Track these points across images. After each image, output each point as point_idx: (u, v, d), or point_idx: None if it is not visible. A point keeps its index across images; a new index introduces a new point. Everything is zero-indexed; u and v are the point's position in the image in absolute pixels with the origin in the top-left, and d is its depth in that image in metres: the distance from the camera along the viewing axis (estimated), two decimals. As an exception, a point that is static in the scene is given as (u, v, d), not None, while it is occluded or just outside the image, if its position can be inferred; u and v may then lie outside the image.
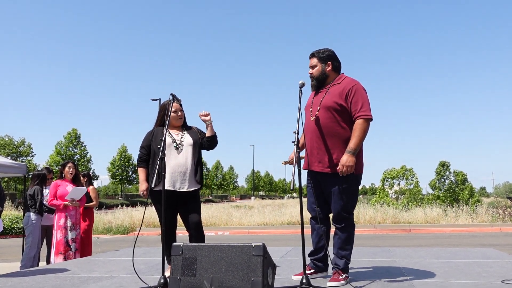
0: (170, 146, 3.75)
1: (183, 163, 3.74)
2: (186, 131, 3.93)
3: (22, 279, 3.94)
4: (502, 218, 17.00)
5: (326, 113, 3.37)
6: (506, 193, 67.01)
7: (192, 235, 3.79)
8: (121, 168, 46.34)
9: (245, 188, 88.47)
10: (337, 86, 3.43)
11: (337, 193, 3.36)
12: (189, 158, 3.78)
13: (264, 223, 18.20)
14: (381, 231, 15.68)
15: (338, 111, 3.35)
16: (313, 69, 3.52)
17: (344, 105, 3.35)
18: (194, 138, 3.87)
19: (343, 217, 3.41)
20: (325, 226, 3.54)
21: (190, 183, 3.76)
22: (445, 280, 3.47)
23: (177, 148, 3.77)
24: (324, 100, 3.41)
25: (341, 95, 3.36)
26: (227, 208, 25.01)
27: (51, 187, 5.95)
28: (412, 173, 28.47)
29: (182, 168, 3.73)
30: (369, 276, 3.69)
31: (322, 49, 3.52)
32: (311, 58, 3.54)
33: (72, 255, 5.71)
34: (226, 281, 2.70)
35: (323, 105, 3.40)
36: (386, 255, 5.19)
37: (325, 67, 3.49)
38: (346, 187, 3.36)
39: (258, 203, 40.03)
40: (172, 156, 3.74)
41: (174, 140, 3.80)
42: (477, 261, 4.52)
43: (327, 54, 3.50)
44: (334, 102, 3.35)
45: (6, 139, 38.08)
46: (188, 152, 3.79)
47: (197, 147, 3.86)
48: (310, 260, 3.60)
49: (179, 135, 3.86)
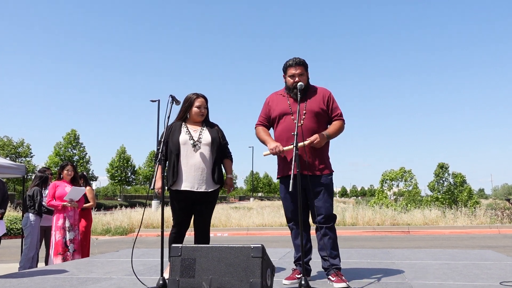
0: (186, 144, 3.65)
1: (200, 162, 3.65)
2: (206, 127, 3.81)
3: (20, 280, 3.94)
4: (501, 220, 17.02)
5: (313, 118, 3.53)
6: (504, 195, 66.96)
7: (198, 236, 3.77)
8: (120, 169, 46.28)
9: (244, 190, 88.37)
10: (316, 94, 3.63)
11: (326, 193, 3.48)
12: (207, 157, 3.68)
13: (263, 224, 18.19)
14: (380, 233, 15.68)
15: (322, 116, 3.58)
16: (301, 77, 3.56)
17: (326, 110, 3.60)
18: (213, 136, 3.75)
19: (332, 216, 3.49)
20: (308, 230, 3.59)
21: (208, 183, 3.67)
22: (444, 281, 3.48)
23: (194, 146, 3.66)
24: (309, 106, 3.55)
25: (323, 101, 3.61)
26: (226, 209, 25.00)
27: (50, 188, 5.94)
28: (411, 175, 28.51)
29: (198, 167, 3.64)
30: (368, 277, 3.70)
31: (302, 59, 3.61)
32: (297, 66, 3.56)
33: (71, 256, 5.70)
34: (224, 282, 2.71)
35: (310, 111, 3.53)
36: (384, 256, 5.19)
37: (308, 76, 3.65)
38: (331, 187, 3.55)
39: (257, 205, 40.03)
40: (189, 154, 3.64)
41: (192, 137, 3.69)
42: (475, 263, 4.52)
43: (306, 63, 3.65)
44: (320, 108, 3.57)
45: (5, 139, 38.02)
46: (206, 151, 3.69)
47: (215, 145, 3.74)
48: (299, 265, 3.58)
49: (197, 131, 3.75)
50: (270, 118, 3.70)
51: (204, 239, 3.76)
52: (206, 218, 3.76)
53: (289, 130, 3.46)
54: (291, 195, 3.51)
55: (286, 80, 3.62)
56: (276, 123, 3.64)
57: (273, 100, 3.72)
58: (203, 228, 3.76)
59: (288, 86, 3.60)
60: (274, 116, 3.65)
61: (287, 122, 3.53)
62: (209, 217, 3.79)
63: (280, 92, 3.73)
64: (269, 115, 3.71)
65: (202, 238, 3.75)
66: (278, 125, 3.62)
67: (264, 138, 3.64)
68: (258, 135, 3.72)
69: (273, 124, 3.70)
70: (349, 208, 21.39)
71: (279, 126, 3.61)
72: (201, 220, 3.74)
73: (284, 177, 3.59)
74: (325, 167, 3.53)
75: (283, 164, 3.60)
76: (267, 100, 3.77)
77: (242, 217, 19.78)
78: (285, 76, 3.64)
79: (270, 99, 3.74)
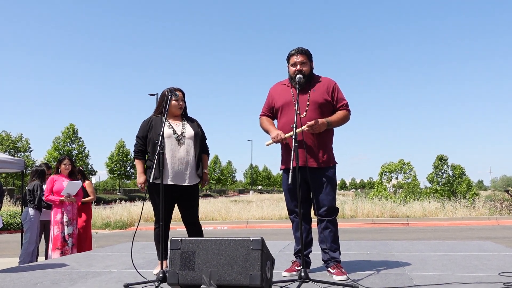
0: (170, 138, 3.64)
1: (184, 156, 3.65)
2: (187, 122, 3.82)
3: (21, 275, 3.94)
4: (500, 211, 17.09)
5: (317, 110, 3.47)
6: (503, 186, 67.20)
7: (190, 230, 3.78)
8: (119, 163, 46.30)
9: (243, 183, 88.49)
10: (320, 84, 3.56)
11: (328, 186, 3.45)
12: (191, 151, 3.69)
13: (263, 217, 18.25)
14: (379, 225, 15.73)
15: (326, 107, 3.52)
16: (303, 65, 3.51)
17: (330, 100, 3.54)
18: (195, 130, 3.77)
19: (335, 209, 3.48)
20: (309, 223, 3.60)
21: (192, 177, 3.68)
22: (443, 273, 3.48)
23: (178, 140, 3.66)
24: (313, 97, 3.49)
25: (328, 92, 3.54)
26: (225, 202, 25.06)
27: (48, 182, 5.93)
28: (410, 167, 28.58)
29: (183, 161, 3.64)
30: (367, 269, 3.70)
31: (305, 48, 3.57)
32: (299, 55, 3.53)
33: (69, 250, 5.71)
34: (224, 275, 2.71)
35: (313, 102, 3.48)
36: (384, 248, 5.21)
37: (312, 65, 3.60)
38: (334, 180, 3.51)
39: (256, 198, 40.13)
40: (173, 148, 3.63)
41: (175, 131, 3.68)
42: (474, 254, 4.54)
43: (310, 53, 3.59)
44: (324, 99, 3.51)
45: (4, 134, 37.95)
46: (190, 145, 3.69)
47: (198, 139, 3.75)
48: (299, 257, 3.57)
49: (179, 125, 3.75)
50: (274, 108, 3.66)
51: (199, 232, 3.76)
52: (195, 211, 3.78)
53: (293, 121, 3.44)
54: (293, 187, 3.48)
55: (289, 69, 3.59)
56: (280, 114, 3.60)
57: (276, 90, 3.69)
58: (194, 220, 3.76)
59: (290, 76, 3.57)
60: (277, 107, 3.62)
61: (291, 113, 3.48)
62: (197, 210, 3.81)
63: (284, 82, 3.68)
64: (272, 105, 3.67)
65: (196, 232, 3.76)
66: (281, 116, 3.59)
67: (268, 127, 3.63)
68: (262, 125, 3.70)
69: (276, 115, 3.66)
70: (349, 201, 21.45)
71: (282, 118, 3.57)
72: (190, 213, 3.75)
73: (287, 169, 3.57)
74: (328, 159, 3.49)
75: (286, 156, 3.57)
76: (271, 90, 3.74)
77: (242, 210, 19.84)
78: (288, 66, 3.61)
79: (274, 90, 3.71)
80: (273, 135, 3.47)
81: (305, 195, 3.51)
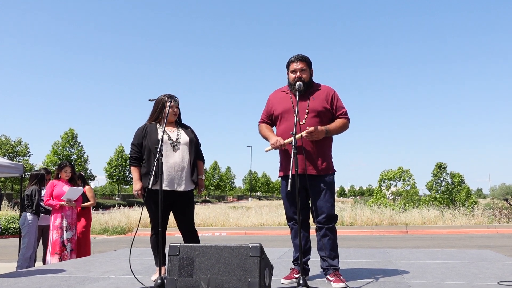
0: (166, 144, 3.66)
1: (180, 162, 3.67)
2: (181, 128, 3.85)
3: (18, 280, 3.93)
4: (499, 219, 17.06)
5: (316, 118, 3.48)
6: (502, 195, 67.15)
7: (186, 236, 3.77)
8: (118, 168, 46.20)
9: (242, 189, 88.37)
10: (319, 92, 3.58)
11: (327, 193, 3.45)
12: (186, 157, 3.71)
13: (261, 224, 18.20)
14: (378, 232, 15.70)
15: (325, 115, 3.53)
16: (303, 73, 3.52)
17: (329, 108, 3.55)
18: (190, 137, 3.80)
19: (334, 216, 3.47)
20: (308, 230, 3.59)
21: (187, 183, 3.70)
22: (442, 281, 3.48)
23: (173, 146, 3.68)
24: (312, 105, 3.50)
25: (327, 100, 3.55)
26: (224, 208, 25.01)
27: (48, 187, 5.93)
28: (409, 175, 28.54)
29: (178, 167, 3.66)
30: (366, 277, 3.70)
31: (305, 55, 3.58)
32: (299, 61, 3.54)
33: (68, 256, 5.69)
34: (223, 281, 2.70)
35: (313, 110, 3.49)
36: (383, 256, 5.20)
37: (311, 72, 3.61)
38: (333, 187, 3.51)
39: (255, 204, 40.03)
40: (168, 154, 3.65)
41: (170, 137, 3.70)
42: (473, 262, 4.53)
43: (310, 60, 3.61)
44: (323, 107, 3.52)
45: (3, 139, 37.92)
46: (185, 151, 3.72)
47: (193, 145, 3.78)
48: (298, 264, 3.56)
49: (174, 132, 3.77)
50: (273, 115, 3.67)
51: (194, 239, 3.76)
52: (191, 217, 3.78)
53: (292, 128, 3.44)
54: (292, 194, 3.48)
55: (289, 76, 3.60)
56: (279, 121, 3.61)
57: (275, 97, 3.69)
58: (190, 226, 3.76)
59: (290, 83, 3.58)
60: (276, 114, 3.62)
61: (290, 120, 3.49)
62: (193, 216, 3.82)
63: (283, 89, 3.69)
64: (271, 112, 3.68)
65: (192, 238, 3.75)
66: (280, 123, 3.59)
67: (267, 134, 3.63)
68: (261, 131, 3.71)
69: (275, 121, 3.67)
70: (347, 208, 21.41)
71: (281, 124, 3.58)
72: (186, 219, 3.75)
73: (286, 176, 3.57)
74: (327, 167, 3.50)
75: (285, 163, 3.58)
76: (270, 97, 3.75)
77: (241, 216, 19.78)
78: (288, 73, 3.61)
79: (273, 97, 3.72)
80: (273, 141, 3.48)
81: (304, 202, 3.51)
